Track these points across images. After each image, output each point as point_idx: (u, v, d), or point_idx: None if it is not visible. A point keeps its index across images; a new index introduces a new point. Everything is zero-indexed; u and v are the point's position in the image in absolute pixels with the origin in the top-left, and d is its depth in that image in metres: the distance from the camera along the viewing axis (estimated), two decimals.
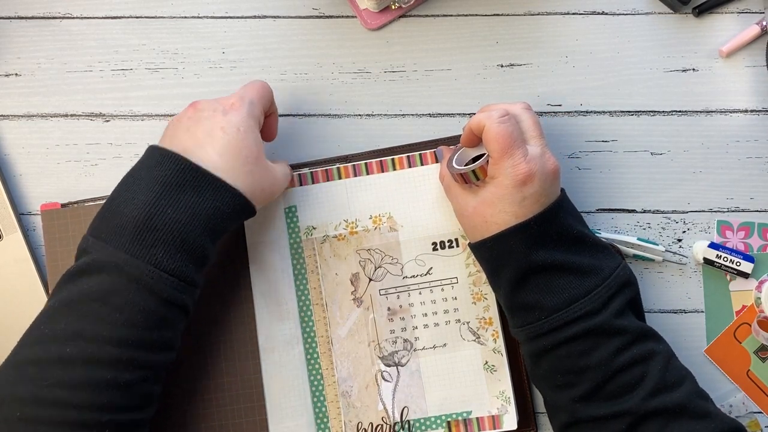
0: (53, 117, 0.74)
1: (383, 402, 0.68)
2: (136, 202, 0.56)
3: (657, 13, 0.74)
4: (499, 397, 0.68)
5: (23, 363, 0.54)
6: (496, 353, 0.68)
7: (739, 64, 0.74)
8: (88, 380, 0.53)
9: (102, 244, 0.56)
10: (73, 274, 0.56)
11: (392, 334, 0.69)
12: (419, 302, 0.69)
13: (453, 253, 0.69)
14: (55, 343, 0.54)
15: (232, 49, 0.75)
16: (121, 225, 0.55)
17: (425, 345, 0.69)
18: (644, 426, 0.57)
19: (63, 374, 0.53)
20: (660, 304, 0.72)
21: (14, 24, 0.75)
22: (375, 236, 0.70)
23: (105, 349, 0.53)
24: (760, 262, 0.72)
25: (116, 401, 0.54)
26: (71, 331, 0.54)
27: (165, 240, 0.55)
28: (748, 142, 0.73)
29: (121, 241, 0.55)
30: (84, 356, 0.53)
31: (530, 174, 0.59)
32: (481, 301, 0.69)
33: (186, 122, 0.60)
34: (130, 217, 0.55)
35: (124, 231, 0.55)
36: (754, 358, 0.71)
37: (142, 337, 0.55)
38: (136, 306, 0.54)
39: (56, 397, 0.52)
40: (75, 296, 0.55)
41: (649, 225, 0.73)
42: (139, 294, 0.55)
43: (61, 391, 0.52)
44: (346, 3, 0.75)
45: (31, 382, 0.53)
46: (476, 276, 0.69)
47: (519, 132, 0.61)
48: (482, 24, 0.75)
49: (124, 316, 0.54)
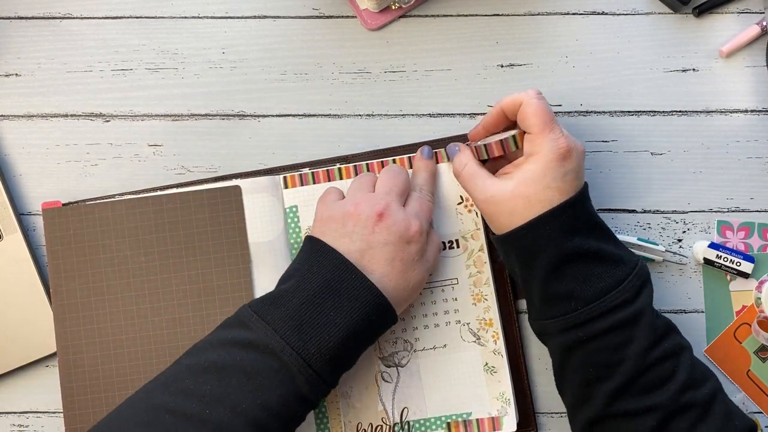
0: (53, 117, 0.74)
1: (383, 402, 0.68)
2: (301, 294, 0.58)
3: (657, 13, 0.75)
4: (499, 398, 0.68)
5: (161, 408, 0.55)
6: (496, 354, 0.68)
7: (739, 64, 0.74)
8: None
9: (263, 323, 0.57)
10: (230, 343, 0.57)
11: (392, 334, 0.69)
12: (420, 303, 0.69)
13: (453, 254, 0.69)
14: (196, 401, 0.55)
15: (232, 49, 0.75)
16: (285, 313, 0.57)
17: (425, 346, 0.69)
18: (675, 422, 0.57)
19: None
20: (660, 304, 0.72)
21: (14, 24, 0.75)
22: None
23: (238, 420, 0.54)
24: (760, 263, 0.71)
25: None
26: (215, 395, 0.55)
27: (320, 339, 0.57)
28: (748, 142, 0.73)
29: (282, 326, 0.57)
30: (217, 422, 0.54)
31: (570, 148, 0.60)
32: (482, 302, 0.69)
33: (355, 217, 0.61)
34: (295, 306, 0.58)
35: (287, 320, 0.57)
36: (754, 359, 0.71)
37: (271, 425, 0.56)
38: (276, 392, 0.56)
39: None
40: (228, 364, 0.56)
41: (649, 225, 0.73)
42: (283, 383, 0.56)
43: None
44: (346, 3, 0.75)
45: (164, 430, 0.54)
46: (476, 277, 0.69)
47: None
48: (482, 24, 0.75)
49: (264, 396, 0.55)
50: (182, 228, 0.70)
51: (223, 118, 0.74)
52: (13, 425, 0.72)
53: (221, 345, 0.57)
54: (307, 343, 0.56)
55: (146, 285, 0.69)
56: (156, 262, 0.70)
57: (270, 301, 0.59)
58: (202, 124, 0.74)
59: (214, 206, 0.70)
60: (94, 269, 0.70)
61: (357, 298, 0.58)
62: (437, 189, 0.69)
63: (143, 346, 0.69)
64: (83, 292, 0.69)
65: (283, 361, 0.56)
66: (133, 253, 0.70)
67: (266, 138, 0.74)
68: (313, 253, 0.61)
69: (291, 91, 0.74)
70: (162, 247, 0.70)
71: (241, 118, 0.74)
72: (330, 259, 0.59)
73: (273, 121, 0.74)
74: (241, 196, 0.70)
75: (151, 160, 0.74)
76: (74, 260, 0.70)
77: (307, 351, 0.56)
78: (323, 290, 0.58)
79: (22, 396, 0.72)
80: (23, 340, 0.70)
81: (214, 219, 0.70)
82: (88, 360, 0.69)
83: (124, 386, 0.68)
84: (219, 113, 0.74)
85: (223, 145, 0.74)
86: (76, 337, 0.69)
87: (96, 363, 0.69)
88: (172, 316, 0.69)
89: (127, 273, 0.70)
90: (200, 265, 0.69)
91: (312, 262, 0.60)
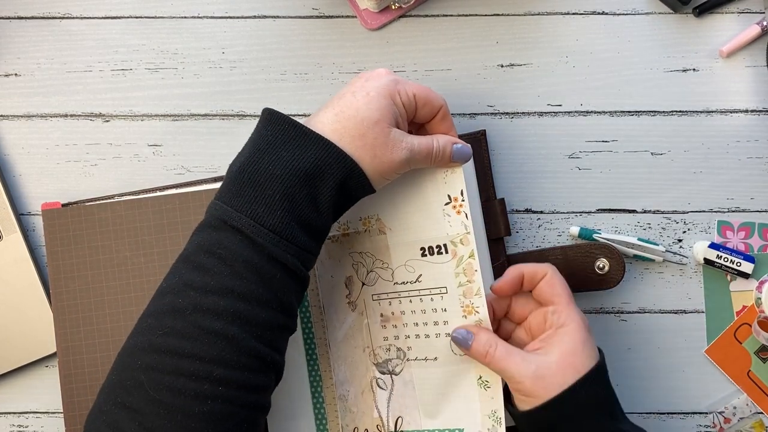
0: (53, 117, 0.74)
1: (378, 410, 0.67)
2: (240, 158, 0.57)
3: (657, 13, 0.74)
4: (491, 416, 0.63)
5: (147, 315, 0.55)
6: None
7: (740, 64, 0.74)
8: (196, 330, 0.53)
9: (216, 202, 0.56)
10: (193, 233, 0.57)
11: (386, 341, 0.67)
12: (410, 311, 0.66)
13: (442, 260, 0.64)
14: (170, 294, 0.55)
15: (232, 49, 0.74)
16: (228, 183, 0.56)
17: (417, 356, 0.66)
18: None
19: (174, 323, 0.53)
20: (660, 304, 0.72)
21: (14, 24, 0.75)
22: (365, 239, 0.67)
23: (210, 298, 0.53)
24: (760, 263, 0.71)
25: (225, 355, 0.53)
26: (183, 282, 0.54)
27: (265, 195, 0.55)
28: (749, 142, 0.73)
29: (228, 196, 0.56)
30: (191, 305, 0.53)
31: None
32: (473, 314, 0.63)
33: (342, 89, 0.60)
34: (234, 172, 0.56)
35: (231, 186, 0.56)
36: (754, 359, 0.71)
37: (248, 290, 0.54)
38: (240, 257, 0.54)
39: (169, 345, 0.53)
40: (190, 250, 0.56)
41: (649, 225, 0.73)
42: (243, 246, 0.54)
43: (173, 340, 0.53)
44: (346, 3, 0.74)
45: (149, 331, 0.54)
46: (466, 287, 0.63)
47: None
48: (482, 24, 0.74)
49: (230, 267, 0.54)
50: (182, 229, 0.70)
51: (223, 118, 0.74)
52: (12, 425, 0.72)
53: (189, 240, 0.57)
54: (252, 203, 0.55)
55: (146, 286, 0.69)
56: (155, 262, 0.70)
57: (223, 182, 0.58)
58: (202, 124, 0.74)
59: None
60: (94, 270, 0.70)
61: (298, 146, 0.56)
62: (421, 187, 0.65)
63: None
64: (83, 292, 0.69)
65: (233, 226, 0.54)
66: (133, 254, 0.70)
67: None
68: (260, 120, 0.59)
69: (291, 91, 0.74)
70: (161, 248, 0.70)
71: (241, 118, 0.74)
72: (273, 119, 0.58)
73: None
74: None
75: (150, 160, 0.73)
76: (74, 261, 0.70)
77: (255, 210, 0.55)
78: (263, 148, 0.57)
79: (22, 396, 0.72)
80: (23, 340, 0.70)
81: None
82: (88, 360, 0.69)
83: None
84: (219, 113, 0.74)
85: (223, 145, 0.74)
86: (76, 338, 0.69)
87: (96, 363, 0.69)
88: None
89: (126, 274, 0.70)
90: None
91: (258, 127, 0.59)
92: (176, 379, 0.52)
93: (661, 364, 0.72)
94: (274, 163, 0.55)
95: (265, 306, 0.55)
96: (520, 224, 0.73)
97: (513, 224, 0.72)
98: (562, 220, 0.73)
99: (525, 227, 0.73)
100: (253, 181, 0.55)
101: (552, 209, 0.73)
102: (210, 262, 0.54)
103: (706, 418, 0.71)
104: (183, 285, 0.54)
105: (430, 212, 0.64)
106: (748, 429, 0.71)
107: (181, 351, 0.52)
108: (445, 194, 0.64)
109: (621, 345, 0.72)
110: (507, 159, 0.73)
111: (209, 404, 0.52)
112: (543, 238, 0.73)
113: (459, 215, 0.63)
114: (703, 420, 0.71)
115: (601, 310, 0.72)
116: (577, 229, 0.72)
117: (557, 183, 0.73)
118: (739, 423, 0.71)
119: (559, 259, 0.70)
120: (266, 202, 0.55)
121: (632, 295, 0.72)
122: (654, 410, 0.72)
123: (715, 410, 0.71)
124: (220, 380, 0.52)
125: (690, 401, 0.72)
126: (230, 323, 0.53)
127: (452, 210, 0.64)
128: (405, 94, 0.60)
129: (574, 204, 0.73)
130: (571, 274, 0.70)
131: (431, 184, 0.64)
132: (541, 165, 0.73)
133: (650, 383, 0.72)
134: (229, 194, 0.56)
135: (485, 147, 0.72)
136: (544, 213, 0.73)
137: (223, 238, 0.55)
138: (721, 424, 0.71)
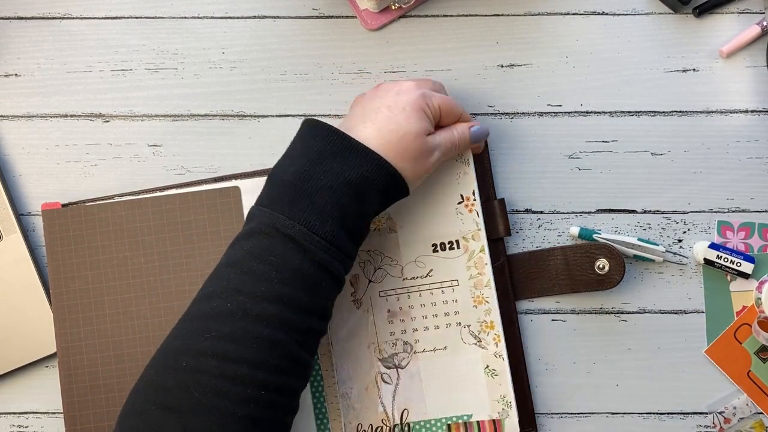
0: (53, 117, 0.74)
1: (383, 404, 0.68)
2: (292, 170, 0.59)
3: (657, 13, 0.74)
4: (500, 401, 0.67)
5: (191, 318, 0.57)
6: (497, 357, 0.68)
7: (740, 65, 0.74)
8: (244, 334, 0.54)
9: (263, 209, 0.58)
10: (238, 239, 0.59)
11: (392, 336, 0.69)
12: (419, 304, 0.69)
13: (454, 255, 0.69)
14: (217, 298, 0.56)
15: (232, 50, 0.74)
16: (279, 192, 0.59)
17: (425, 348, 0.68)
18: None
19: (221, 327, 0.55)
20: (660, 304, 0.72)
21: (14, 24, 0.75)
22: (375, 237, 0.69)
23: (261, 305, 0.55)
24: (760, 263, 0.71)
25: (270, 360, 0.55)
26: (232, 287, 0.56)
27: (317, 205, 0.58)
28: (749, 142, 0.73)
29: (278, 205, 0.58)
30: (241, 311, 0.55)
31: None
32: (483, 304, 0.68)
33: (364, 100, 0.65)
34: (286, 182, 0.59)
35: (281, 195, 0.58)
36: (754, 359, 0.71)
37: (296, 297, 0.56)
38: (291, 264, 0.57)
39: (215, 349, 0.54)
40: (238, 256, 0.57)
41: (649, 225, 0.73)
42: (294, 253, 0.57)
43: (219, 343, 0.54)
44: (346, 3, 0.74)
45: (195, 334, 0.55)
46: (477, 279, 0.69)
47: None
48: (482, 24, 0.74)
49: (280, 274, 0.56)
50: (182, 229, 0.70)
51: (223, 118, 0.74)
52: (12, 425, 0.72)
53: (234, 245, 0.59)
54: (305, 212, 0.57)
55: (146, 286, 0.69)
56: (155, 263, 0.70)
57: (264, 188, 0.61)
58: (202, 124, 0.74)
59: (213, 207, 0.70)
60: (94, 270, 0.70)
61: (348, 158, 0.60)
62: (435, 188, 0.69)
63: (143, 346, 0.69)
64: (83, 293, 0.69)
65: (286, 234, 0.57)
66: (133, 254, 0.70)
67: (266, 138, 0.74)
68: (304, 130, 0.63)
69: (291, 91, 0.74)
70: (161, 248, 0.70)
71: (241, 118, 0.74)
72: (319, 131, 0.61)
73: (273, 121, 0.74)
74: (240, 197, 0.70)
75: (150, 160, 0.73)
76: (74, 261, 0.70)
77: (307, 219, 0.57)
78: (314, 159, 0.59)
79: (22, 396, 0.72)
80: (23, 340, 0.71)
81: (214, 220, 0.70)
82: (88, 361, 0.69)
83: (124, 387, 0.68)
84: (219, 113, 0.74)
85: (223, 145, 0.74)
86: (76, 338, 0.69)
87: (96, 364, 0.69)
88: (171, 317, 0.69)
89: (126, 274, 0.70)
90: (200, 266, 0.69)
91: (305, 137, 0.62)
92: (222, 382, 0.53)
93: (661, 364, 0.72)
94: (326, 174, 0.59)
95: (310, 313, 0.57)
96: (520, 224, 0.73)
97: (513, 224, 0.72)
98: (562, 221, 0.73)
99: (525, 227, 0.73)
100: (305, 191, 0.58)
101: (552, 209, 0.73)
102: (260, 268, 0.56)
103: (706, 418, 0.71)
104: (232, 290, 0.56)
105: (443, 210, 0.69)
106: (748, 429, 0.71)
107: (228, 355, 0.54)
108: (458, 194, 0.69)
109: (621, 345, 0.72)
110: (507, 159, 0.73)
111: (251, 407, 0.54)
112: (543, 239, 0.73)
113: (471, 213, 0.69)
114: (703, 420, 0.71)
115: (601, 310, 0.72)
116: (577, 229, 0.72)
117: (557, 183, 0.73)
118: (739, 423, 0.71)
119: (559, 260, 0.71)
120: (318, 212, 0.58)
121: (632, 296, 0.72)
122: (654, 410, 0.72)
123: (715, 410, 0.71)
124: (262, 384, 0.54)
125: (690, 401, 0.72)
126: (277, 329, 0.55)
127: (464, 208, 0.69)
128: (432, 106, 0.64)
129: (574, 204, 0.73)
130: (571, 274, 0.70)
131: (444, 184, 0.69)
132: (541, 165, 0.73)
133: (650, 383, 0.72)
134: (280, 203, 0.58)
135: (485, 147, 0.72)
136: (544, 213, 0.73)
137: (274, 246, 0.57)
138: (721, 424, 0.71)
